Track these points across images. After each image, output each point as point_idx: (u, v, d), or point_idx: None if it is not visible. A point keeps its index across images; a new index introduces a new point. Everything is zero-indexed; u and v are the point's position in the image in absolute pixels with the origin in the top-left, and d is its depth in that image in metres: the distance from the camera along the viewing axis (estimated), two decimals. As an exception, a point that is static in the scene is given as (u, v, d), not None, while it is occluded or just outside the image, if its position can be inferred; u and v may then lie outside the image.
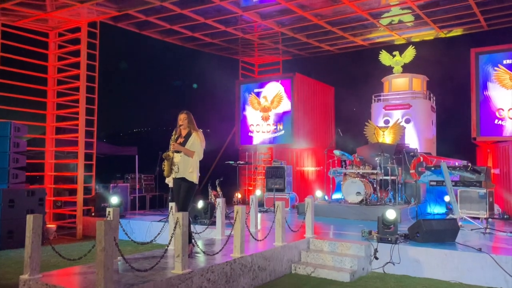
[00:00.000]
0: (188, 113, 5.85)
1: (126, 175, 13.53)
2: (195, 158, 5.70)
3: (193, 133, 5.76)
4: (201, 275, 5.07)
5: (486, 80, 11.12)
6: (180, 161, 5.70)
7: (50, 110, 11.15)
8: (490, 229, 8.07)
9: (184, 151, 5.68)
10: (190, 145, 5.71)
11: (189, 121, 5.81)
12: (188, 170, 5.66)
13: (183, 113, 5.83)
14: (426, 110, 15.38)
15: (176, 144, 5.72)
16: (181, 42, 13.94)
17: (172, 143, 5.74)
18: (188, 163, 5.67)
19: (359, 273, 6.52)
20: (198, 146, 5.71)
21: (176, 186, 5.80)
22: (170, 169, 5.77)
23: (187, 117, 5.80)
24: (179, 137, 5.83)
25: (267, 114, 14.89)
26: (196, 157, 5.71)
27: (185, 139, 5.77)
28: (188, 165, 5.67)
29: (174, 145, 5.71)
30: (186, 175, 5.67)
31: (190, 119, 5.82)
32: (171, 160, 5.75)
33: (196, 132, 5.77)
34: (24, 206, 8.89)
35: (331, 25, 12.47)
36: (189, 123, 5.80)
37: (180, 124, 5.81)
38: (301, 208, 10.69)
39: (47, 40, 11.21)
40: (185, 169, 5.67)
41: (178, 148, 5.70)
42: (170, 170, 5.77)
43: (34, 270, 4.65)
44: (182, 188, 5.72)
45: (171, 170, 5.77)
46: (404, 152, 11.28)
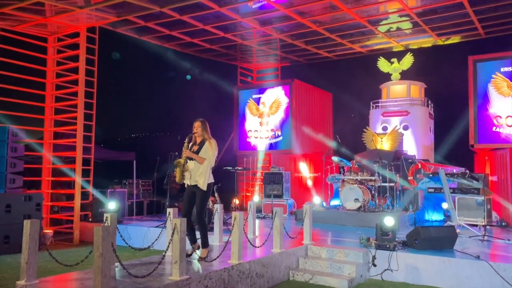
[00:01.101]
0: (203, 121, 5.97)
1: (124, 181, 13.48)
2: (205, 165, 5.79)
3: (206, 141, 5.87)
4: (199, 282, 5.05)
5: (484, 88, 11.16)
6: (194, 169, 5.84)
7: (48, 115, 11.13)
8: (488, 237, 8.07)
9: (195, 158, 5.80)
10: (203, 153, 5.82)
11: (203, 129, 5.92)
12: (201, 178, 5.77)
13: (198, 121, 5.95)
14: (424, 117, 15.42)
15: (188, 151, 5.84)
16: (180, 48, 13.97)
17: (184, 150, 5.86)
18: (201, 171, 5.79)
19: (357, 280, 6.50)
20: (210, 154, 5.82)
21: (189, 192, 5.94)
22: (181, 176, 5.89)
23: (201, 125, 5.92)
24: (193, 145, 5.95)
25: (266, 120, 14.90)
26: (207, 164, 5.80)
27: (199, 146, 5.89)
28: (201, 173, 5.78)
29: (186, 152, 5.83)
30: (197, 182, 5.80)
31: (204, 127, 5.93)
32: (182, 167, 5.86)
33: (210, 140, 5.88)
34: (21, 211, 8.86)
35: (330, 32, 12.52)
36: (202, 130, 5.92)
37: (195, 131, 5.93)
38: (299, 215, 10.67)
39: (46, 45, 11.22)
40: (198, 177, 5.80)
41: (189, 155, 5.82)
42: (181, 176, 5.89)
43: (31, 276, 4.62)
44: (197, 196, 5.85)
45: (182, 176, 5.88)
46: (402, 158, 11.30)
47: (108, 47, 15.27)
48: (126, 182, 13.36)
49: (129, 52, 25.55)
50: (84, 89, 10.83)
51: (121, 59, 25.76)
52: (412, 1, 10.54)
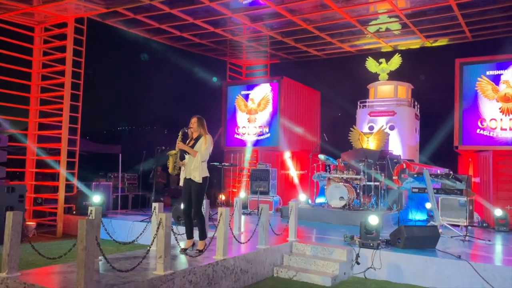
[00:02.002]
0: (199, 118, 6.15)
1: (109, 174, 13.37)
2: (198, 158, 5.92)
3: (202, 136, 6.03)
4: (183, 277, 5.04)
5: (470, 90, 11.32)
6: (188, 163, 6.01)
7: (33, 106, 10.97)
8: (469, 237, 8.19)
9: (187, 150, 5.97)
10: (197, 147, 5.97)
11: (199, 125, 6.09)
12: (194, 170, 5.94)
13: (195, 117, 6.14)
14: (410, 117, 15.58)
15: (180, 143, 6.00)
16: (169, 42, 13.88)
17: (177, 142, 6.02)
18: (195, 165, 5.93)
19: (340, 277, 6.56)
20: (203, 147, 5.96)
21: (186, 186, 6.08)
22: (173, 166, 6.06)
23: (197, 121, 6.10)
24: (190, 140, 6.12)
25: (254, 117, 14.89)
26: (199, 158, 5.93)
27: (195, 141, 6.05)
28: (195, 167, 5.93)
29: (179, 144, 5.99)
30: (192, 175, 5.95)
31: (201, 123, 6.11)
32: (175, 158, 6.04)
33: (205, 136, 6.05)
34: (3, 202, 8.72)
35: (320, 30, 12.56)
36: (198, 126, 6.08)
37: (190, 126, 6.10)
38: (285, 212, 10.71)
39: (33, 35, 11.04)
40: (191, 170, 5.95)
41: (182, 147, 5.97)
42: (173, 167, 6.07)
43: (13, 268, 4.57)
44: (192, 189, 6.00)
45: (174, 167, 6.06)
46: (388, 158, 11.42)
47: (96, 39, 15.08)
48: (111, 175, 13.25)
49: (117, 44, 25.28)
50: (71, 80, 10.69)
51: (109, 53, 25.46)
52: (401, 2, 10.63)
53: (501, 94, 10.94)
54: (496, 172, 10.60)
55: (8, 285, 4.46)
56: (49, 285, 4.26)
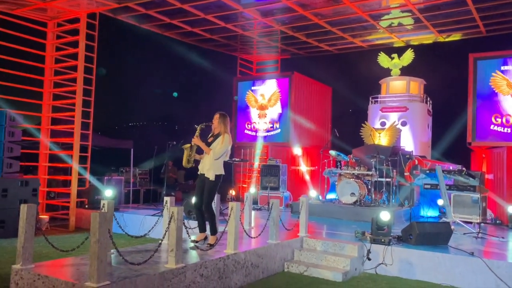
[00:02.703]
0: (222, 114, 6.14)
1: (121, 168, 13.46)
2: (211, 156, 5.94)
3: (221, 135, 6.02)
4: (194, 270, 5.06)
5: (483, 86, 11.17)
6: (205, 159, 6.04)
7: (46, 101, 11.08)
8: (482, 234, 8.11)
9: (201, 146, 5.99)
10: (214, 145, 5.98)
11: (220, 122, 6.08)
12: (207, 167, 5.98)
13: (217, 114, 6.16)
14: (422, 113, 15.43)
15: (196, 138, 6.03)
16: (180, 37, 13.88)
17: (194, 136, 6.04)
18: (209, 161, 5.97)
19: (351, 273, 6.54)
20: (219, 146, 5.95)
21: (200, 181, 6.12)
22: (187, 160, 6.09)
23: (219, 118, 6.11)
24: (211, 136, 6.14)
25: (264, 112, 14.87)
26: (212, 155, 5.94)
27: (214, 138, 6.07)
28: (209, 163, 5.98)
29: (194, 138, 6.03)
30: (206, 172, 6.00)
31: (223, 121, 6.09)
32: (190, 151, 6.07)
33: (224, 135, 6.01)
34: (17, 196, 8.84)
35: (331, 25, 12.47)
36: (220, 124, 6.08)
37: (212, 122, 6.14)
38: (295, 207, 10.70)
39: (46, 30, 11.13)
40: (206, 167, 6.00)
41: (197, 142, 6.01)
42: (187, 160, 6.09)
43: (27, 260, 4.62)
44: (206, 185, 6.04)
45: (188, 160, 6.09)
46: (400, 154, 11.32)
47: (108, 34, 15.16)
48: (123, 170, 13.34)
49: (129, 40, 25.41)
50: (83, 75, 10.77)
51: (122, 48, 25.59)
52: (414, -3, 10.51)
53: (516, 89, 10.78)
54: (510, 169, 10.44)
55: (22, 277, 4.52)
56: (63, 277, 4.30)
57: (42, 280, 4.35)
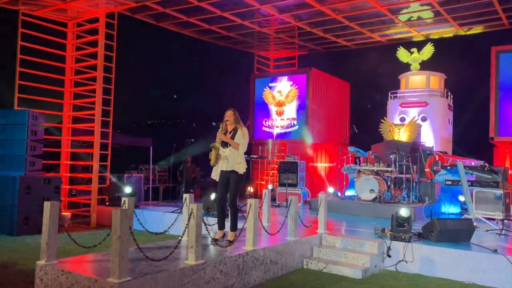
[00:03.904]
0: (234, 110, 6.27)
1: (140, 166, 13.63)
2: (240, 150, 6.06)
3: (239, 129, 6.14)
4: (214, 267, 5.10)
5: (507, 79, 10.91)
6: (230, 155, 6.07)
7: (67, 100, 11.28)
8: (505, 231, 7.94)
9: (230, 142, 6.06)
10: (236, 140, 6.08)
11: (235, 118, 6.22)
12: (236, 162, 6.05)
13: (230, 111, 6.24)
14: (443, 108, 15.15)
15: (223, 135, 6.11)
16: (198, 35, 13.95)
17: (219, 135, 6.12)
18: (236, 156, 6.05)
19: (371, 270, 6.48)
20: (243, 139, 6.10)
21: (224, 178, 6.15)
22: (216, 159, 6.16)
23: (233, 114, 6.22)
24: (226, 133, 6.20)
25: (282, 109, 14.84)
26: (241, 149, 6.07)
27: (232, 134, 6.15)
28: (236, 158, 6.05)
29: (221, 136, 6.10)
30: (235, 167, 6.05)
31: (236, 117, 6.24)
32: (218, 151, 6.14)
33: (242, 128, 6.16)
34: (40, 193, 9.03)
35: (349, 20, 12.34)
36: (235, 119, 6.21)
37: (226, 119, 6.21)
38: (314, 204, 10.66)
39: (66, 30, 11.32)
40: (234, 162, 6.05)
41: (224, 139, 6.07)
42: (216, 159, 6.16)
43: (51, 256, 4.72)
44: (231, 180, 6.10)
45: (216, 160, 6.15)
46: (420, 150, 11.15)
47: (127, 33, 15.33)
48: (142, 167, 13.51)
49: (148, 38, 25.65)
50: (103, 74, 10.92)
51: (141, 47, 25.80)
52: (434, -10, 10.32)
53: (540, 83, 10.51)
54: (535, 164, 10.21)
55: (46, 272, 4.62)
56: (85, 273, 4.38)
57: (65, 275, 4.43)
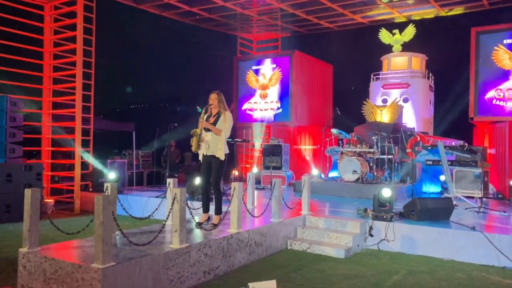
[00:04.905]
0: (219, 93, 6.07)
1: (124, 151, 13.52)
2: (222, 136, 5.94)
3: (222, 113, 5.99)
4: (199, 250, 5.14)
5: (486, 60, 11.06)
6: (211, 140, 5.96)
7: (46, 85, 11.06)
8: (484, 208, 8.16)
9: (212, 128, 5.93)
10: (219, 124, 5.94)
11: (219, 101, 6.03)
12: (218, 147, 5.94)
13: (214, 93, 6.06)
14: (424, 89, 15.34)
15: (204, 122, 5.97)
16: (179, 17, 13.75)
17: (201, 120, 6.00)
18: (217, 141, 5.94)
19: (354, 249, 6.62)
20: (226, 125, 5.95)
21: (206, 162, 6.09)
22: (197, 145, 6.06)
23: (217, 97, 6.03)
24: (210, 116, 6.05)
25: (265, 92, 14.82)
26: (223, 135, 5.95)
27: (215, 118, 6.00)
28: (218, 143, 5.94)
29: (203, 122, 5.97)
30: (216, 152, 5.96)
31: (220, 99, 6.05)
32: (199, 137, 6.02)
33: (225, 112, 6.00)
34: (21, 180, 8.92)
35: (331, 1, 12.30)
36: (219, 102, 6.02)
37: (211, 103, 6.04)
38: (298, 186, 10.76)
39: (43, 13, 11.02)
40: (215, 147, 5.95)
41: (206, 126, 5.95)
42: (197, 145, 6.06)
43: (33, 244, 4.69)
44: (213, 165, 6.02)
45: (198, 145, 6.05)
46: (401, 131, 11.31)
47: (106, 16, 15.01)
48: (125, 152, 13.40)
49: (127, 21, 25.14)
50: (82, 58, 10.71)
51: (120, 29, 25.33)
52: (416, -30, 10.32)
53: (518, 63, 10.68)
54: (513, 143, 10.45)
55: (29, 259, 4.60)
56: (69, 259, 4.38)
57: (49, 262, 4.42)
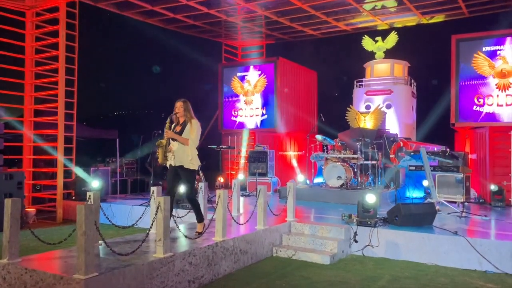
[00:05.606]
0: (185, 101, 5.83)
1: (107, 159, 13.38)
2: (191, 145, 5.72)
3: (189, 121, 5.76)
4: (183, 259, 5.10)
5: (466, 67, 11.28)
6: (178, 150, 5.73)
7: (28, 92, 10.89)
8: (466, 213, 8.28)
9: (178, 139, 5.70)
10: (186, 134, 5.71)
11: (185, 109, 5.78)
12: (187, 158, 5.71)
13: (180, 101, 5.81)
14: (406, 95, 15.56)
15: (170, 132, 5.73)
16: (163, 24, 13.71)
17: (166, 130, 5.75)
18: (186, 152, 5.71)
19: (339, 255, 6.64)
20: (194, 134, 5.72)
21: (172, 173, 5.83)
22: (163, 157, 5.81)
23: (183, 105, 5.78)
24: (176, 125, 5.84)
25: (250, 98, 14.84)
26: (192, 144, 5.73)
27: (182, 127, 5.77)
28: (186, 154, 5.71)
29: (168, 132, 5.72)
30: (184, 163, 5.73)
31: (187, 107, 5.79)
32: (165, 148, 5.78)
33: (192, 121, 5.77)
34: (2, 190, 8.71)
35: (315, 9, 12.42)
36: (185, 111, 5.78)
37: (176, 112, 5.80)
38: (283, 192, 10.77)
39: (24, 20, 10.88)
40: (183, 158, 5.72)
41: (172, 136, 5.72)
42: (164, 157, 5.81)
43: (13, 255, 4.60)
44: (182, 176, 5.79)
45: (165, 157, 5.80)
46: (385, 137, 11.44)
47: (89, 23, 14.90)
48: (109, 160, 13.26)
49: (110, 27, 25.00)
50: (65, 65, 10.59)
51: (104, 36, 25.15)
52: (397, -21, 10.50)
53: (497, 70, 10.91)
54: (493, 148, 10.65)
55: (9, 271, 4.50)
56: (50, 270, 4.30)
57: (29, 274, 4.34)
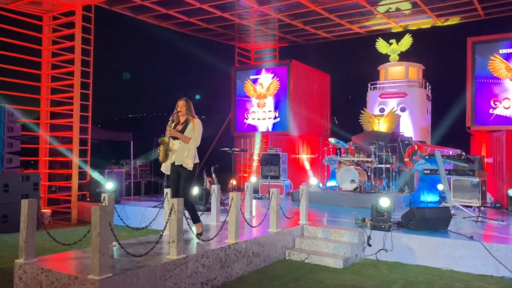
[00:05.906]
0: (187, 100, 5.84)
1: (121, 161, 13.50)
2: (191, 144, 5.72)
3: (191, 120, 5.77)
4: (196, 261, 5.11)
5: (482, 70, 11.13)
6: (179, 148, 5.73)
7: (44, 95, 11.06)
8: (482, 218, 8.15)
9: (180, 137, 5.70)
10: (187, 133, 5.71)
11: (187, 108, 5.79)
12: (186, 157, 5.70)
13: (182, 100, 5.82)
14: (421, 98, 15.40)
15: (172, 130, 5.75)
16: (177, 27, 13.82)
17: (168, 128, 5.77)
18: (185, 150, 5.71)
19: (352, 259, 6.59)
20: (196, 133, 5.73)
21: (174, 172, 5.84)
22: (165, 154, 5.82)
23: (185, 104, 5.79)
24: (178, 124, 5.84)
25: (263, 101, 14.85)
26: (192, 144, 5.73)
27: (183, 126, 5.78)
28: (185, 152, 5.70)
29: (170, 130, 5.74)
30: (183, 162, 5.72)
31: (188, 106, 5.81)
32: (167, 146, 5.79)
33: (194, 120, 5.77)
34: (18, 190, 8.87)
35: (328, 12, 12.38)
36: (187, 110, 5.79)
37: (178, 110, 5.81)
38: (296, 195, 10.74)
39: (41, 24, 11.07)
40: (183, 156, 5.71)
41: (174, 134, 5.72)
42: (165, 155, 5.82)
43: (29, 255, 4.66)
44: (181, 176, 5.78)
45: (166, 155, 5.81)
46: (399, 140, 11.33)
47: (104, 27, 15.09)
48: (123, 162, 13.38)
49: (126, 31, 25.26)
50: (80, 68, 10.73)
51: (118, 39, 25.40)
52: (412, -19, 10.43)
53: (514, 72, 10.75)
54: (510, 152, 10.45)
55: (25, 271, 4.56)
56: (65, 270, 4.34)
57: (45, 274, 4.39)
